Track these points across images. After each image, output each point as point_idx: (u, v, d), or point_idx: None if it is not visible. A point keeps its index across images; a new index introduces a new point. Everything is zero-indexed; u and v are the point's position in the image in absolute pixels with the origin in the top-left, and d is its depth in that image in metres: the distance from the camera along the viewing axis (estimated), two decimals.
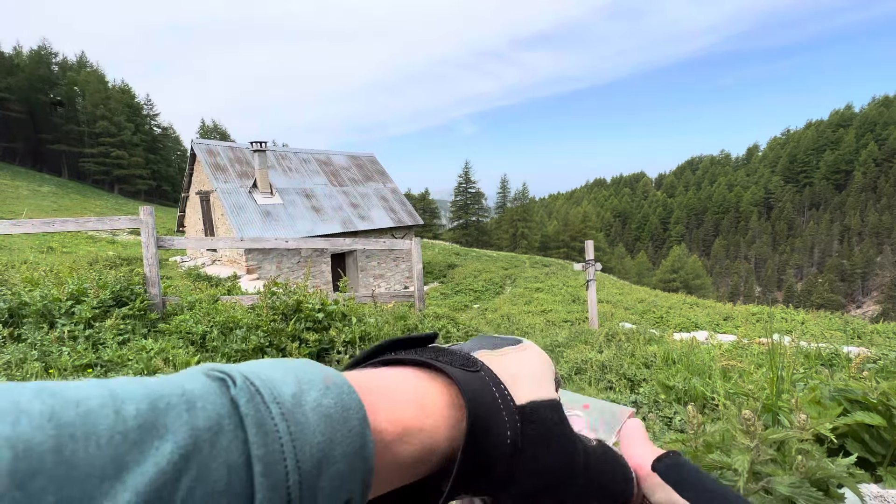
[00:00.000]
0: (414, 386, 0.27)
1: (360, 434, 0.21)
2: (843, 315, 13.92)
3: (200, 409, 0.18)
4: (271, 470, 0.18)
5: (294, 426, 0.19)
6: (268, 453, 0.18)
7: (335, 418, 0.21)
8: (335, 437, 0.20)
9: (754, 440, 1.39)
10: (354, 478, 0.21)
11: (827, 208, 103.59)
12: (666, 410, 3.07)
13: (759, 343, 4.93)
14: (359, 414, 0.22)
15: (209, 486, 0.16)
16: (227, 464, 0.17)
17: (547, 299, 19.13)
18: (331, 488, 0.20)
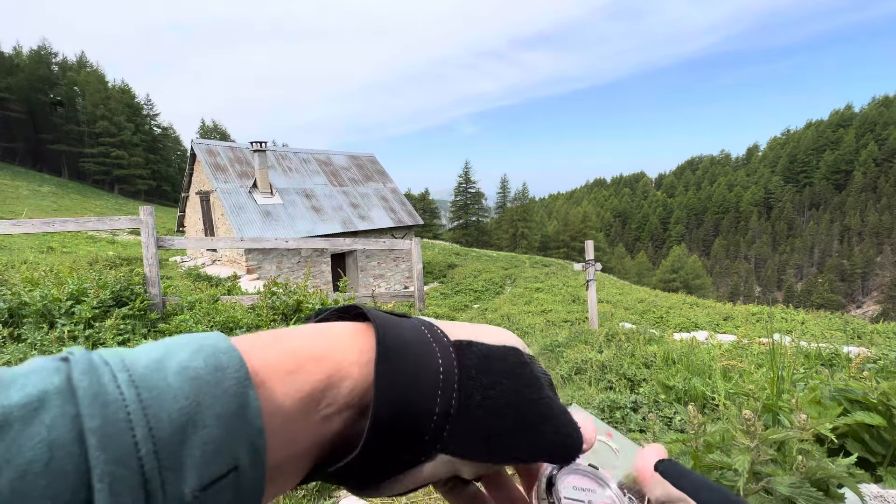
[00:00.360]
0: (319, 325, 0.26)
1: (239, 394, 0.20)
2: (843, 315, 13.93)
3: (19, 387, 0.16)
4: (112, 442, 0.16)
5: (147, 392, 0.18)
6: (106, 424, 0.16)
7: (205, 379, 0.19)
8: (203, 399, 0.19)
9: (754, 440, 1.39)
10: (237, 442, 0.19)
11: (827, 208, 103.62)
12: (666, 410, 3.07)
13: (760, 343, 4.93)
14: (238, 373, 0.20)
15: (20, 469, 0.15)
16: (49, 441, 0.16)
17: (547, 299, 19.13)
18: (202, 454, 0.18)
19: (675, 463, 0.31)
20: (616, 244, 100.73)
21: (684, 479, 0.29)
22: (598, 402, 3.30)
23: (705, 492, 0.28)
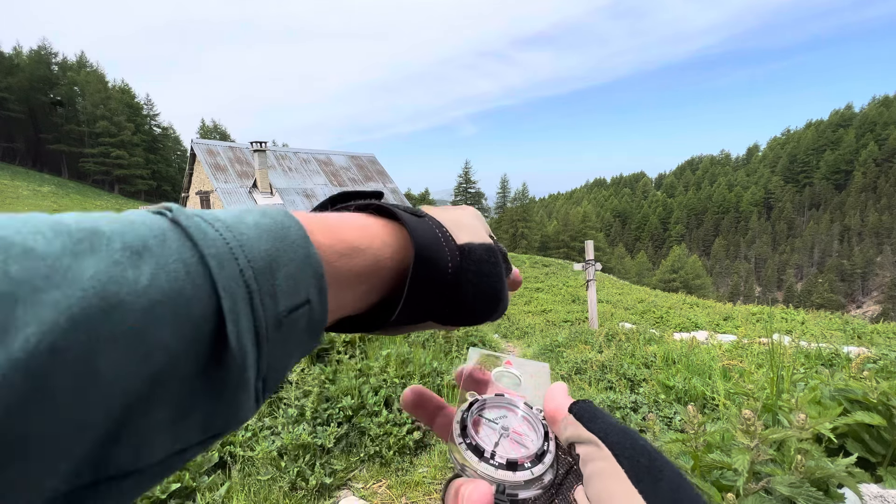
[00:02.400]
0: (357, 218, 0.32)
1: (304, 246, 0.24)
2: (843, 315, 13.91)
3: (140, 224, 0.19)
4: (225, 265, 0.20)
5: (239, 235, 0.22)
6: (218, 252, 0.20)
7: (276, 233, 0.24)
8: (279, 246, 0.23)
9: (754, 440, 1.39)
10: (307, 280, 0.24)
11: (827, 208, 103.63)
12: (666, 410, 3.07)
13: (760, 343, 4.93)
14: (299, 231, 0.25)
15: (170, 275, 0.18)
16: (182, 259, 0.19)
17: (547, 299, 19.11)
18: (286, 286, 0.23)
19: (589, 403, 0.31)
20: (616, 244, 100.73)
21: (595, 420, 0.29)
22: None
23: (615, 434, 0.28)
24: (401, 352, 3.47)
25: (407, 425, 2.81)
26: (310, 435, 2.57)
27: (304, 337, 0.25)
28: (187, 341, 0.19)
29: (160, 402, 0.18)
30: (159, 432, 0.19)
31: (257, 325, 0.21)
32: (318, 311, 0.25)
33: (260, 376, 0.22)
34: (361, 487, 2.49)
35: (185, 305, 0.18)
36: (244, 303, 0.20)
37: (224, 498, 2.25)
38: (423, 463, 2.66)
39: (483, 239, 0.36)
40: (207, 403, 0.20)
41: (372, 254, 0.30)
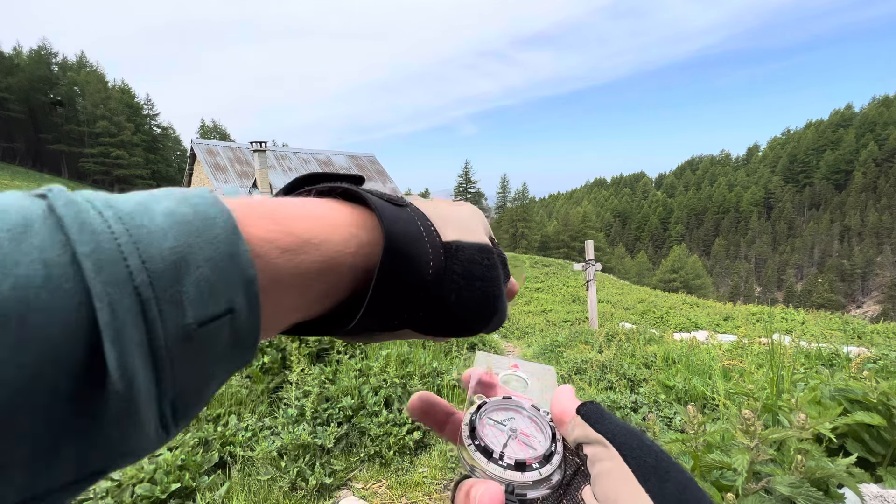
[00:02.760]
0: (316, 205, 0.27)
1: (229, 241, 0.20)
2: (843, 315, 13.91)
3: (1, 212, 0.16)
4: (106, 267, 0.17)
5: (136, 229, 0.18)
6: (98, 250, 0.17)
7: (193, 225, 0.20)
8: (193, 242, 0.19)
9: (754, 440, 1.39)
10: (230, 285, 0.20)
11: (827, 208, 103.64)
12: (666, 410, 3.07)
13: (760, 343, 4.93)
14: (226, 224, 0.21)
15: (21, 281, 0.15)
16: (43, 260, 0.16)
17: (547, 299, 19.12)
18: (198, 293, 0.19)
19: (596, 405, 0.31)
20: (616, 244, 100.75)
21: (603, 422, 0.29)
22: None
23: (622, 434, 0.28)
24: (401, 352, 3.47)
25: (407, 425, 2.81)
26: (310, 435, 2.57)
27: (229, 351, 0.21)
28: (43, 365, 0.15)
29: (24, 435, 0.15)
30: (12, 473, 0.15)
31: (152, 341, 0.17)
32: (247, 321, 0.21)
33: (165, 400, 0.19)
34: (361, 487, 2.49)
35: (38, 322, 0.15)
36: (132, 314, 0.17)
37: (224, 498, 2.25)
38: (423, 463, 2.66)
39: (477, 238, 0.32)
40: (80, 437, 0.17)
41: (329, 248, 0.25)
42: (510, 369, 0.39)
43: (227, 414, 2.78)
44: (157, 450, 0.20)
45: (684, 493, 0.25)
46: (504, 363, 0.40)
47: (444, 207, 0.33)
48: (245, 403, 2.94)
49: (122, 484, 2.13)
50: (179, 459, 2.27)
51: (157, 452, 2.34)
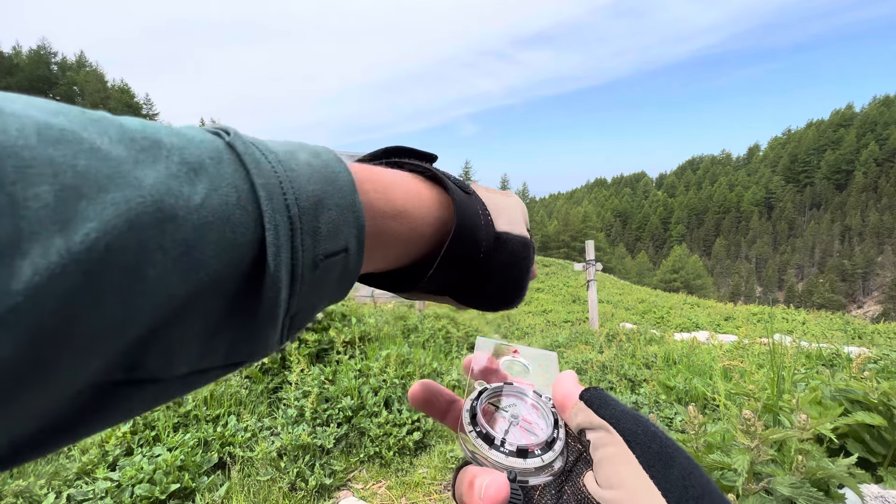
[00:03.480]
0: (409, 181, 0.31)
1: (350, 193, 0.24)
2: (843, 315, 13.91)
3: (199, 142, 0.19)
4: (274, 198, 0.20)
5: (289, 171, 0.22)
6: (268, 184, 0.20)
7: (325, 176, 0.23)
8: (326, 189, 0.23)
9: (755, 440, 1.39)
10: (348, 229, 0.24)
11: (828, 208, 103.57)
12: (667, 411, 3.06)
13: (760, 343, 4.92)
14: (347, 178, 0.24)
15: (222, 198, 0.18)
16: (234, 185, 0.19)
17: (547, 299, 19.12)
18: (327, 230, 0.23)
19: (600, 390, 0.31)
20: (616, 244, 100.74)
21: (607, 407, 0.29)
22: None
23: (626, 420, 0.28)
24: (401, 352, 3.47)
25: (407, 426, 2.81)
26: (309, 435, 2.57)
27: (336, 284, 0.25)
28: (229, 264, 0.19)
29: (195, 317, 0.19)
30: (189, 346, 0.19)
31: (294, 263, 0.21)
32: (354, 262, 0.25)
33: (289, 314, 0.22)
34: (361, 488, 2.49)
35: (231, 230, 0.19)
36: (286, 238, 0.20)
37: (223, 498, 2.24)
38: (423, 463, 2.66)
39: (521, 231, 0.37)
40: (236, 329, 0.21)
41: (416, 220, 0.30)
42: (511, 355, 0.39)
43: (227, 414, 2.77)
44: (273, 354, 0.24)
45: (689, 479, 0.24)
46: (505, 349, 0.39)
47: (498, 199, 0.37)
48: (244, 404, 2.93)
49: (121, 484, 2.12)
50: (179, 460, 2.27)
51: (157, 453, 2.33)
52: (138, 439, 2.45)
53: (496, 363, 0.38)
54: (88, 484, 2.13)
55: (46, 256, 0.13)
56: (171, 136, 0.19)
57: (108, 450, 2.33)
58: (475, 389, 0.35)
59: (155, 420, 2.56)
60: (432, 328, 4.83)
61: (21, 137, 0.14)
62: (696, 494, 0.24)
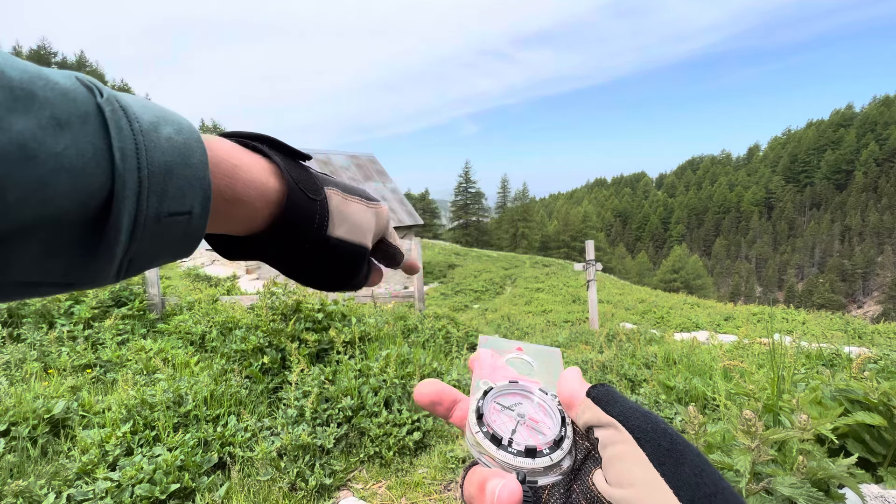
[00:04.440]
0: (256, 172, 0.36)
1: (202, 169, 0.29)
2: (844, 315, 13.90)
3: (71, 100, 0.23)
4: (127, 159, 0.25)
5: (148, 140, 0.26)
6: (125, 148, 0.25)
7: (182, 151, 0.28)
8: (180, 162, 0.28)
9: (755, 440, 1.38)
10: (195, 197, 0.29)
11: (828, 208, 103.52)
12: (667, 411, 3.06)
13: (760, 343, 4.92)
14: (201, 158, 0.29)
15: (79, 151, 0.23)
16: (93, 143, 0.23)
17: (547, 299, 19.11)
18: (175, 193, 0.27)
19: (607, 387, 0.30)
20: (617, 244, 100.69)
21: (615, 404, 0.29)
22: None
23: (635, 417, 0.27)
24: (401, 352, 3.47)
25: (407, 426, 2.81)
26: (309, 435, 2.57)
27: (178, 241, 0.30)
28: (79, 204, 0.23)
29: (38, 239, 0.23)
30: (25, 259, 0.23)
31: (137, 213, 0.26)
32: (197, 224, 0.30)
33: (127, 255, 0.27)
34: (361, 488, 2.49)
35: (85, 178, 0.23)
36: (133, 192, 0.25)
37: (223, 498, 2.24)
38: (423, 464, 2.66)
39: (359, 240, 0.44)
40: (75, 256, 0.25)
41: (249, 207, 0.36)
42: (515, 352, 0.38)
43: (227, 414, 2.77)
44: (105, 285, 0.30)
45: (701, 477, 0.24)
46: (509, 347, 0.39)
47: (353, 211, 0.44)
48: (244, 404, 2.93)
49: (121, 484, 2.12)
50: (179, 460, 2.27)
51: (157, 453, 2.33)
52: (138, 439, 2.44)
53: (500, 361, 0.38)
54: (88, 484, 2.13)
55: None
56: (46, 89, 0.22)
57: (108, 450, 2.33)
58: (480, 389, 0.34)
59: (155, 420, 2.55)
60: (432, 328, 4.83)
61: None
62: (708, 493, 0.23)
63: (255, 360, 3.32)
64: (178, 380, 2.99)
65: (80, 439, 2.40)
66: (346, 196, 0.43)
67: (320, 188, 0.41)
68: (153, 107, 0.29)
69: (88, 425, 2.63)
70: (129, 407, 2.62)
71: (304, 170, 0.40)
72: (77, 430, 2.56)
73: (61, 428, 2.63)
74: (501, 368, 0.37)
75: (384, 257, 0.54)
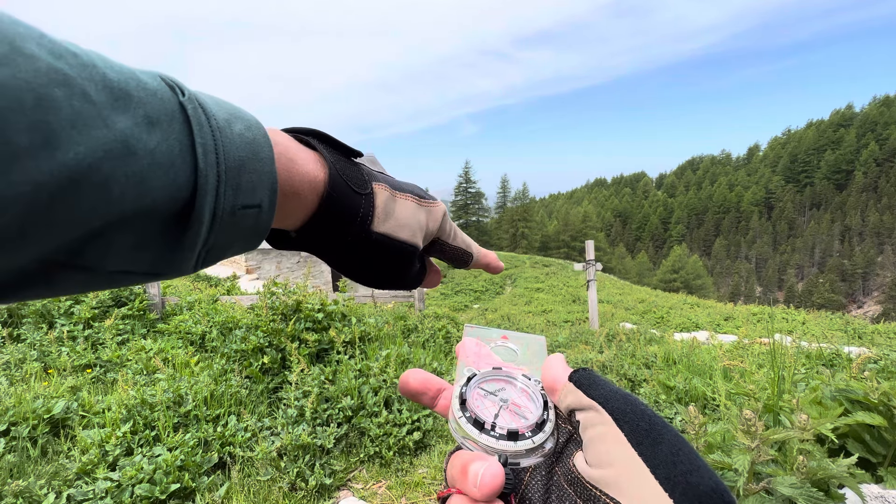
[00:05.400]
0: (308, 167, 0.37)
1: (269, 164, 0.31)
2: (843, 315, 13.90)
3: (160, 99, 0.25)
4: (208, 155, 0.26)
5: (224, 136, 0.28)
6: (205, 144, 0.26)
7: (252, 147, 0.30)
8: (251, 157, 0.29)
9: (755, 440, 1.38)
10: (264, 191, 0.30)
11: (828, 208, 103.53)
12: (667, 411, 3.06)
13: (760, 343, 4.92)
14: (269, 154, 0.31)
15: (170, 147, 0.24)
16: (180, 140, 0.25)
17: (547, 299, 19.13)
18: (247, 187, 0.29)
19: (589, 371, 0.31)
20: (616, 244, 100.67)
21: (596, 387, 0.29)
22: None
23: (615, 399, 0.28)
24: (401, 352, 3.47)
25: (407, 426, 2.81)
26: (309, 435, 2.57)
27: (249, 232, 0.31)
28: (169, 197, 0.25)
29: (134, 230, 0.24)
30: (122, 250, 0.25)
31: (216, 205, 0.27)
32: (266, 217, 0.32)
33: (206, 247, 0.28)
34: (361, 488, 2.49)
35: (174, 172, 0.25)
36: (213, 186, 0.27)
37: (223, 498, 2.24)
38: (423, 463, 2.66)
39: (407, 238, 0.42)
40: (162, 247, 0.27)
41: (303, 199, 0.36)
42: (500, 340, 0.39)
43: (227, 414, 2.77)
44: (186, 275, 0.31)
45: (678, 455, 0.24)
46: (494, 334, 0.40)
47: (402, 209, 0.43)
48: (245, 403, 2.93)
49: (121, 484, 2.12)
50: (179, 460, 2.27)
51: (157, 453, 2.33)
52: (138, 439, 2.44)
53: (485, 349, 0.38)
54: (88, 484, 2.13)
55: (49, 161, 0.19)
56: (139, 89, 0.24)
57: (108, 450, 2.33)
58: (464, 375, 0.35)
59: (155, 420, 2.55)
60: (432, 328, 4.83)
61: (38, 77, 0.19)
62: (684, 470, 0.24)
63: (255, 360, 3.32)
64: (178, 380, 2.99)
65: (80, 439, 2.40)
66: (396, 193, 0.43)
67: (367, 182, 0.41)
68: (226, 104, 0.30)
69: (88, 425, 2.63)
70: (129, 407, 2.62)
71: (353, 165, 0.41)
72: (77, 430, 2.56)
73: (61, 428, 2.63)
74: (486, 356, 0.38)
75: (448, 258, 0.52)
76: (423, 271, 0.50)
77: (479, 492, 0.26)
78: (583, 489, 0.27)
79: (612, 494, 0.25)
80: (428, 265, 0.51)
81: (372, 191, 0.40)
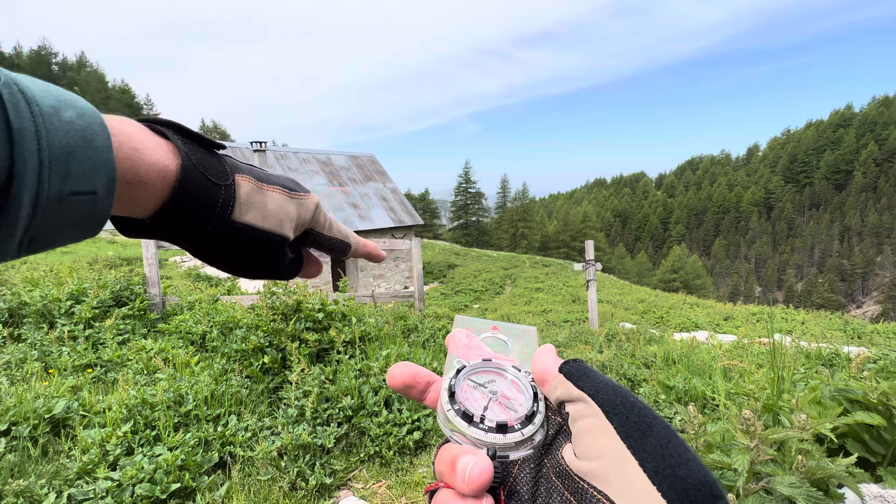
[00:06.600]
0: (158, 155, 0.36)
1: (105, 149, 0.30)
2: (843, 315, 13.91)
3: None
4: (27, 140, 0.26)
5: (48, 123, 0.27)
6: (24, 129, 0.26)
7: (84, 135, 0.29)
8: (82, 144, 0.29)
9: (754, 440, 1.39)
10: (99, 178, 0.30)
11: (827, 208, 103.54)
12: (666, 411, 3.07)
13: (760, 343, 4.93)
14: (105, 142, 0.31)
15: None
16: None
17: (547, 299, 19.12)
18: (78, 175, 0.29)
19: (579, 363, 0.31)
20: (616, 244, 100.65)
21: (586, 379, 0.29)
22: None
23: (606, 391, 0.28)
24: (401, 352, 3.47)
25: (407, 425, 2.81)
26: (310, 435, 2.57)
27: (84, 219, 0.31)
28: None
29: None
30: None
31: (39, 191, 0.27)
32: (103, 204, 0.31)
33: (29, 232, 0.28)
34: (361, 487, 2.49)
35: None
36: (33, 172, 0.26)
37: (224, 498, 2.25)
38: (423, 463, 2.66)
39: (274, 228, 0.43)
40: None
41: (152, 190, 0.36)
42: (490, 331, 0.39)
43: (227, 414, 2.77)
44: (6, 261, 0.30)
45: (667, 448, 0.24)
46: (484, 326, 0.39)
47: (269, 200, 0.43)
48: (245, 403, 2.93)
49: (122, 484, 2.13)
50: (179, 459, 2.27)
51: (157, 452, 2.34)
52: (139, 439, 2.45)
53: (476, 340, 0.38)
54: (89, 483, 2.14)
55: None
56: None
57: (109, 449, 2.34)
58: (454, 367, 0.34)
59: (155, 420, 2.56)
60: (432, 328, 4.83)
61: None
62: (672, 462, 0.24)
63: (255, 360, 3.32)
64: (179, 379, 2.99)
65: (81, 439, 2.41)
66: (263, 185, 0.43)
67: (228, 174, 0.41)
68: (55, 91, 0.30)
69: (89, 425, 2.63)
70: (130, 406, 2.62)
71: (214, 156, 0.41)
72: (78, 429, 2.56)
73: (62, 427, 2.63)
74: (476, 347, 0.37)
75: (325, 248, 0.52)
76: (300, 262, 0.51)
77: (468, 487, 0.26)
78: (571, 482, 0.26)
79: (599, 487, 0.25)
80: (306, 256, 0.52)
81: (234, 182, 0.41)
